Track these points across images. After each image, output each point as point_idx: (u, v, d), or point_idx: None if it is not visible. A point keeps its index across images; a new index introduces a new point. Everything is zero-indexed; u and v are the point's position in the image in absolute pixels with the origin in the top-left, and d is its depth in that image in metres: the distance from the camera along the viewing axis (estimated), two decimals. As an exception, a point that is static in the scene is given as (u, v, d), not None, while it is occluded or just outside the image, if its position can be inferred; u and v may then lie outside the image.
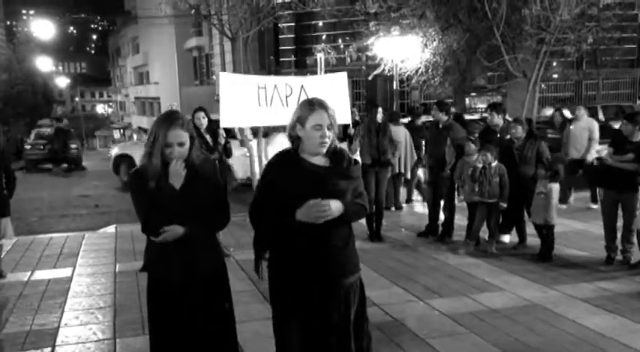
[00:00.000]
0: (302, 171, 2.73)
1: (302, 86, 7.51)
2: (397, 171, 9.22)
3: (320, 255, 2.73)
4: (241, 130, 10.49)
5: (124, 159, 14.10)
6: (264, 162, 8.75)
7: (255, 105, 7.38)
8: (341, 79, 7.91)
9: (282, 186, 2.72)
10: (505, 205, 6.57)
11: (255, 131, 9.79)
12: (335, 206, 2.66)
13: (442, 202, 7.47)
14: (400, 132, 9.17)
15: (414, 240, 7.44)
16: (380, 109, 7.33)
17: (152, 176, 2.83)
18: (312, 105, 2.74)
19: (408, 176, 9.54)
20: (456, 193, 7.34)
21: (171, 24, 30.08)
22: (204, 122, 6.64)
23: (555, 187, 6.24)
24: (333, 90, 7.58)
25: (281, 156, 2.83)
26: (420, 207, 9.71)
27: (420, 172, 10.09)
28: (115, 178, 14.58)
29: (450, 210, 7.34)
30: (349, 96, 8.22)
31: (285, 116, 7.10)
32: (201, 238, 2.92)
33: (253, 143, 9.60)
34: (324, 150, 2.76)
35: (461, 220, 7.36)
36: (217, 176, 3.03)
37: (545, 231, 6.34)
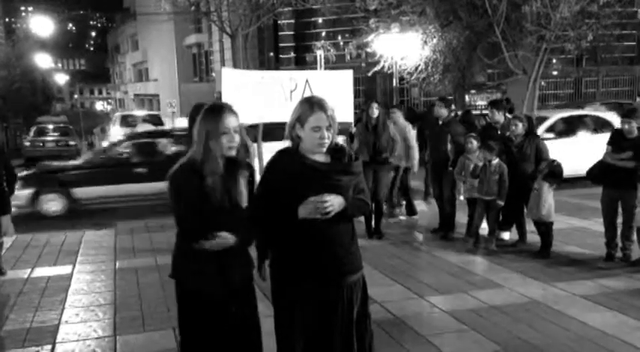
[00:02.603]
0: (303, 168, 2.73)
1: (307, 80, 7.41)
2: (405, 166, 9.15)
3: (323, 252, 2.72)
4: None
5: None
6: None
7: (258, 101, 7.25)
8: (346, 77, 7.83)
9: (284, 184, 2.71)
10: (502, 203, 6.55)
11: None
12: (337, 201, 2.66)
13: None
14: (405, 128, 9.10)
15: (414, 237, 7.43)
16: (375, 105, 7.13)
17: (210, 171, 2.63)
18: (311, 106, 2.72)
19: (415, 170, 9.46)
20: (458, 190, 7.31)
21: (171, 21, 30.09)
22: None
23: (546, 185, 6.20)
24: (338, 88, 7.50)
25: (282, 153, 2.82)
26: (421, 204, 9.68)
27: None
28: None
29: (452, 207, 7.33)
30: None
31: (288, 112, 7.07)
32: (240, 248, 2.77)
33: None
34: (324, 150, 2.76)
35: (461, 217, 7.34)
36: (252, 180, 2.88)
37: (544, 228, 6.34)
